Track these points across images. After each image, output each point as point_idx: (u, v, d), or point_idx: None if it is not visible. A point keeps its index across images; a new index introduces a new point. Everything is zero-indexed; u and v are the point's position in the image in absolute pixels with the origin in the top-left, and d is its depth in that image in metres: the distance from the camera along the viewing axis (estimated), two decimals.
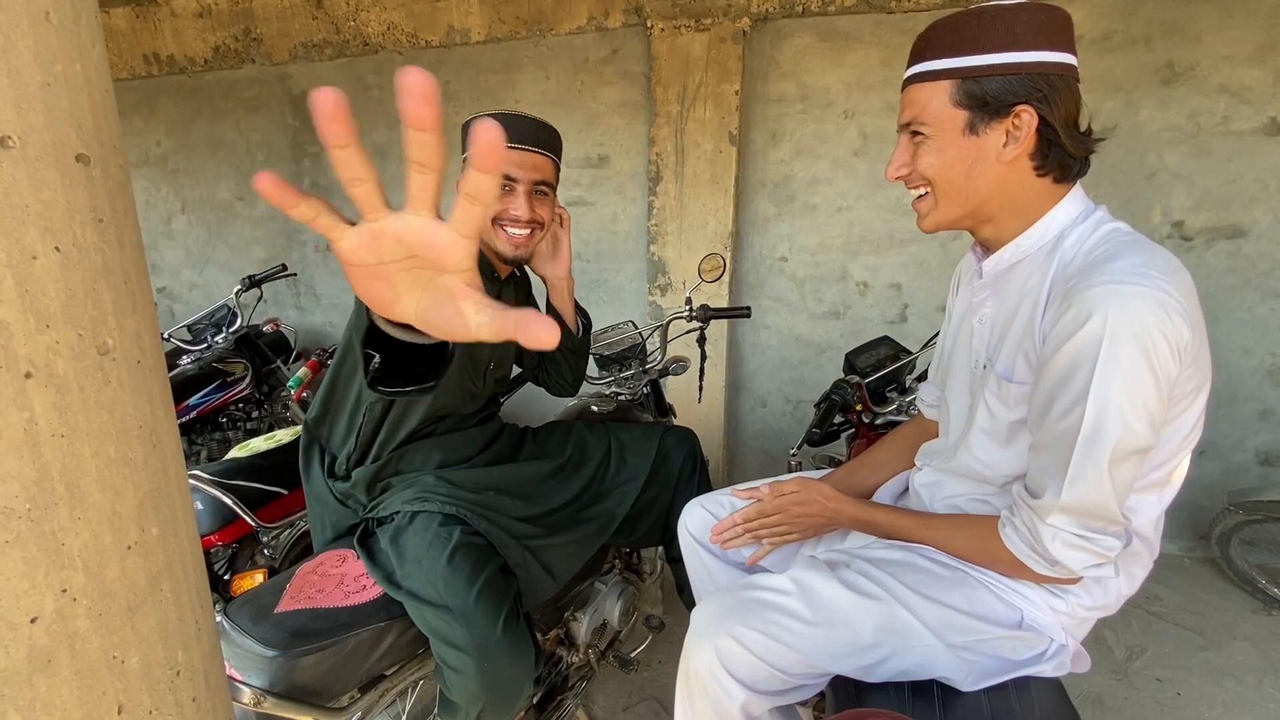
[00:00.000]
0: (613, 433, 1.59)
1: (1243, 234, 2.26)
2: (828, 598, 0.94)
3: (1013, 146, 0.84)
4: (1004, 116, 0.83)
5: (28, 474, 0.42)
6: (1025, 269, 0.92)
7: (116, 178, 0.51)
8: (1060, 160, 0.85)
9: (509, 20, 2.83)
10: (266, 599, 1.16)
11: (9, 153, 0.40)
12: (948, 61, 0.84)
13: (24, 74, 0.42)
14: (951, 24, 0.84)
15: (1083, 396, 0.77)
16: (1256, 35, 2.12)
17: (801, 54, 2.57)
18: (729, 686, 0.93)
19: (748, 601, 0.97)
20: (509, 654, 1.13)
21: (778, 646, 0.92)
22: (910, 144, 0.91)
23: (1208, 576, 2.39)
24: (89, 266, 0.46)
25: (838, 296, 2.79)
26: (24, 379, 0.41)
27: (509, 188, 1.25)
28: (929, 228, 0.95)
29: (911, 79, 0.89)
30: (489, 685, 1.12)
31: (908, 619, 0.92)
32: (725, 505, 1.29)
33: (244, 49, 3.28)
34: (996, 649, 0.93)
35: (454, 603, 1.12)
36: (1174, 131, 2.25)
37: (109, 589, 0.48)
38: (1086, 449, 0.78)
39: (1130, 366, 0.75)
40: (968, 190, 0.88)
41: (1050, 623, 0.95)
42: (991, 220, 0.92)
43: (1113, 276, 0.76)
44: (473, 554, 1.20)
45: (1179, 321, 0.75)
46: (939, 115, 0.86)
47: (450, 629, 1.12)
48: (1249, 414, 2.40)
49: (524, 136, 1.23)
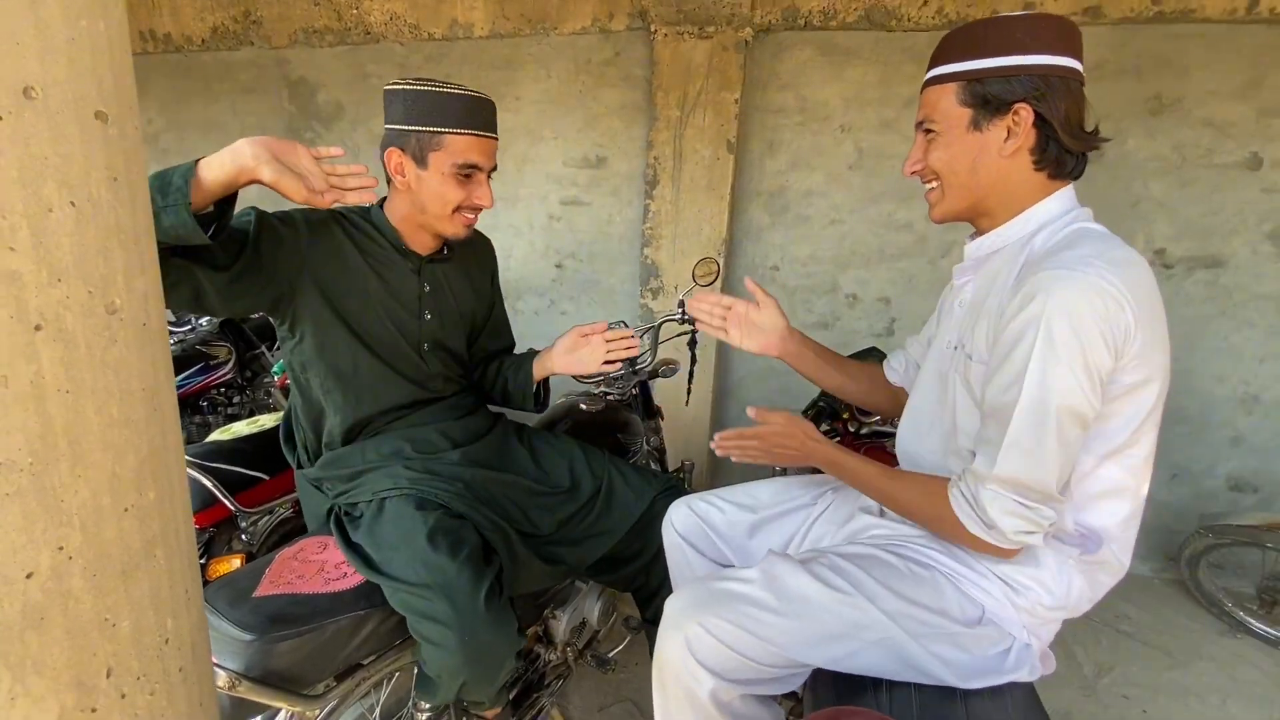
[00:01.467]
0: (610, 470, 1.51)
1: (1221, 264, 2.33)
2: (794, 588, 0.98)
3: (1013, 141, 0.92)
4: (1004, 114, 0.91)
5: (32, 428, 0.41)
6: (1002, 257, 0.99)
7: (132, 138, 0.51)
8: (1057, 156, 0.93)
9: (513, 17, 2.84)
10: (245, 582, 1.14)
11: (31, 103, 0.40)
12: (956, 65, 0.93)
13: (50, 27, 0.42)
14: (963, 33, 0.94)
15: (1021, 372, 0.84)
16: (1241, 72, 2.19)
17: (802, 67, 2.61)
18: (698, 674, 0.96)
19: (717, 592, 1.00)
20: (491, 626, 1.12)
21: (745, 635, 0.95)
22: (924, 141, 1.01)
23: (1176, 598, 2.44)
24: (102, 224, 0.46)
25: (827, 308, 2.82)
26: (34, 331, 0.41)
27: (474, 176, 1.23)
28: (938, 217, 1.04)
29: (928, 82, 0.98)
30: (471, 659, 1.11)
31: (872, 611, 0.95)
32: (713, 506, 1.31)
33: (243, 31, 3.25)
34: (959, 642, 0.96)
35: (435, 579, 1.11)
36: (1159, 161, 2.32)
37: (105, 550, 0.47)
38: (1023, 420, 0.84)
39: (1063, 345, 0.81)
40: (972, 182, 0.97)
41: (1010, 618, 0.98)
42: (990, 213, 1.00)
43: (1060, 263, 0.84)
44: (452, 533, 1.19)
45: (1114, 308, 0.81)
46: (947, 113, 0.95)
47: (431, 604, 1.10)
48: (1221, 440, 2.46)
49: (488, 123, 1.22)
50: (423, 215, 1.25)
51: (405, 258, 1.31)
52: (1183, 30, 2.21)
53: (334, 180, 1.06)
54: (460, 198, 1.22)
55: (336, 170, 1.07)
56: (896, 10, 2.42)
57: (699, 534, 1.30)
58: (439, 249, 1.36)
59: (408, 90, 1.18)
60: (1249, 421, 2.42)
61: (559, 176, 2.99)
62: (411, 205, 1.25)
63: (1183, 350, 2.38)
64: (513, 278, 3.15)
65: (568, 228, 3.05)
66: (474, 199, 1.23)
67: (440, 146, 1.18)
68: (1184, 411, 2.44)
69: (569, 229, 3.05)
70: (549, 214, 3.06)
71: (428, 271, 1.35)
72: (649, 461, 1.98)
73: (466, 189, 1.22)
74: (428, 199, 1.22)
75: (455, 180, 1.20)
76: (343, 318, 1.25)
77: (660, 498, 1.49)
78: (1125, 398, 0.87)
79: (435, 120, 1.17)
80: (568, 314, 3.17)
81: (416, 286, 1.33)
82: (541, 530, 1.38)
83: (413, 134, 1.19)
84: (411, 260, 1.32)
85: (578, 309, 3.15)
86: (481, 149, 1.21)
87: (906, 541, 1.06)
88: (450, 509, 1.25)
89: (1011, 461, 0.86)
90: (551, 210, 3.05)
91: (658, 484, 1.53)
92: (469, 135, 1.19)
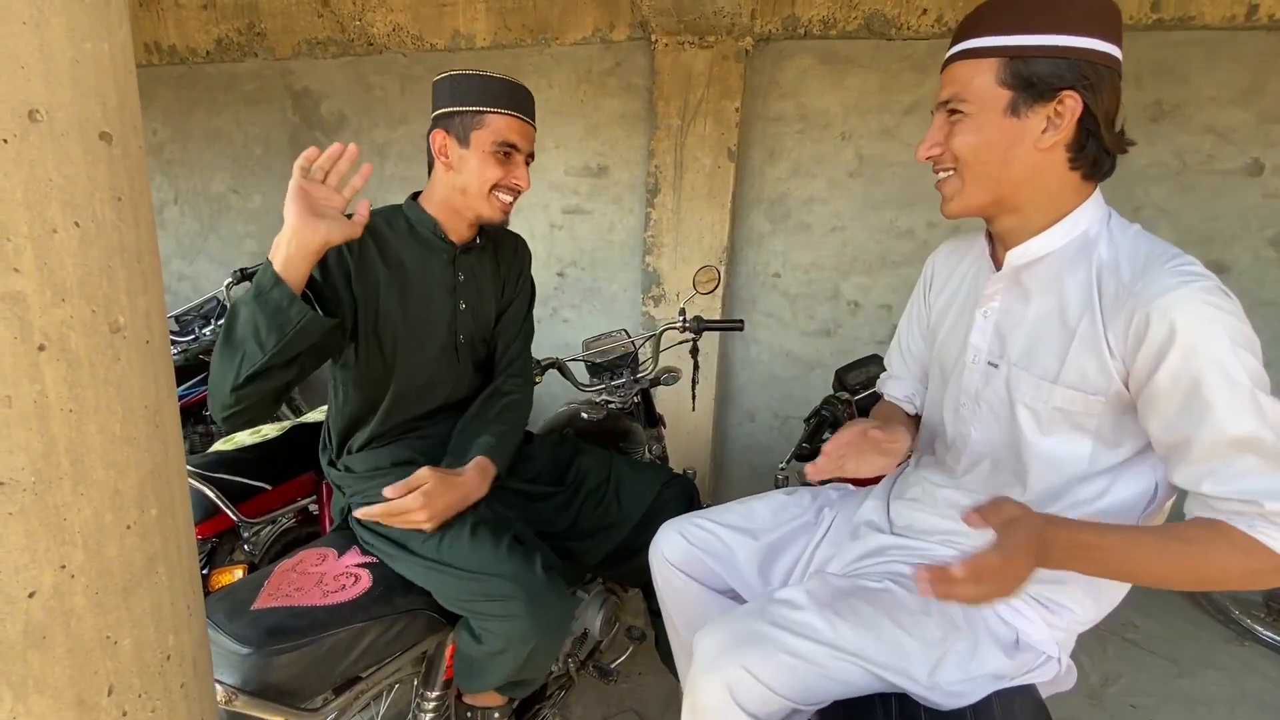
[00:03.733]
0: (614, 465, 1.54)
1: (1224, 270, 2.32)
2: (827, 632, 0.93)
3: (1052, 133, 0.82)
4: (1048, 101, 0.81)
5: (35, 447, 0.42)
6: (1051, 266, 0.90)
7: (135, 157, 0.51)
8: (1095, 155, 0.85)
9: (515, 28, 2.86)
10: (243, 595, 1.14)
11: (36, 126, 0.41)
12: (997, 39, 0.82)
13: (55, 49, 0.42)
14: (1005, 2, 0.83)
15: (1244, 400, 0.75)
16: (1241, 79, 2.20)
17: (802, 75, 2.62)
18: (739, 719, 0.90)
19: (760, 626, 0.93)
20: (553, 591, 1.16)
21: (789, 676, 0.90)
22: (946, 123, 0.89)
23: (1183, 606, 2.42)
24: (106, 243, 0.47)
25: (829, 315, 2.82)
26: (37, 351, 0.41)
27: (513, 157, 1.27)
28: (955, 212, 0.92)
29: (957, 56, 0.87)
30: (540, 624, 1.13)
31: (922, 652, 0.91)
32: (707, 531, 1.24)
33: (247, 42, 3.27)
34: (1000, 674, 0.93)
35: (487, 567, 1.15)
36: (1160, 168, 2.32)
37: (107, 568, 0.47)
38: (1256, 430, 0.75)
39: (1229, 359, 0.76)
40: (1001, 174, 0.86)
41: (1045, 638, 0.95)
42: (1017, 210, 0.90)
43: (1174, 280, 0.78)
44: (490, 524, 1.23)
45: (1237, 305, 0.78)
46: (982, 93, 0.84)
47: (491, 585, 1.14)
48: None
49: (527, 109, 1.28)
50: (463, 196, 1.28)
51: (442, 247, 1.34)
52: (1182, 37, 2.22)
53: (333, 181, 1.06)
54: (498, 176, 1.26)
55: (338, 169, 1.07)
56: (896, 19, 2.43)
57: (693, 562, 1.24)
58: (473, 239, 1.39)
59: (454, 75, 1.25)
60: None
61: (561, 185, 3.01)
62: (451, 187, 1.29)
63: None
64: None
65: (569, 236, 3.06)
66: (511, 179, 1.27)
67: (482, 125, 1.23)
68: None
69: (571, 237, 3.06)
70: (551, 222, 3.07)
71: (462, 261, 1.37)
72: None
73: (505, 168, 1.26)
74: (468, 177, 1.26)
75: (495, 159, 1.25)
76: (382, 331, 1.28)
77: (666, 488, 1.53)
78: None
79: (478, 100, 1.23)
80: (569, 322, 3.17)
81: (451, 277, 1.35)
82: (556, 529, 1.41)
83: (456, 115, 1.24)
84: (448, 249, 1.35)
85: (579, 317, 3.16)
86: (521, 131, 1.26)
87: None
88: (478, 506, 1.27)
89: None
90: (553, 219, 3.06)
91: (664, 474, 1.57)
92: (509, 116, 1.25)
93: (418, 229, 1.32)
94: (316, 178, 1.04)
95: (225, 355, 1.03)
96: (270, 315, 1.00)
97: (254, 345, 1.02)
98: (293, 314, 1.01)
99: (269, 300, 1.00)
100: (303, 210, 1.00)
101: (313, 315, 1.03)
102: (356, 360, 1.27)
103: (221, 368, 1.04)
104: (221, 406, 1.07)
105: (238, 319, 1.03)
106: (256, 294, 1.01)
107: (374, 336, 1.27)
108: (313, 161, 1.03)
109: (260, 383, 1.04)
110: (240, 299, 1.03)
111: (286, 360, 1.05)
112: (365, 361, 1.28)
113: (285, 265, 1.01)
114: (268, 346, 1.01)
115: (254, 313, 1.00)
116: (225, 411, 1.08)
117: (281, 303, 1.00)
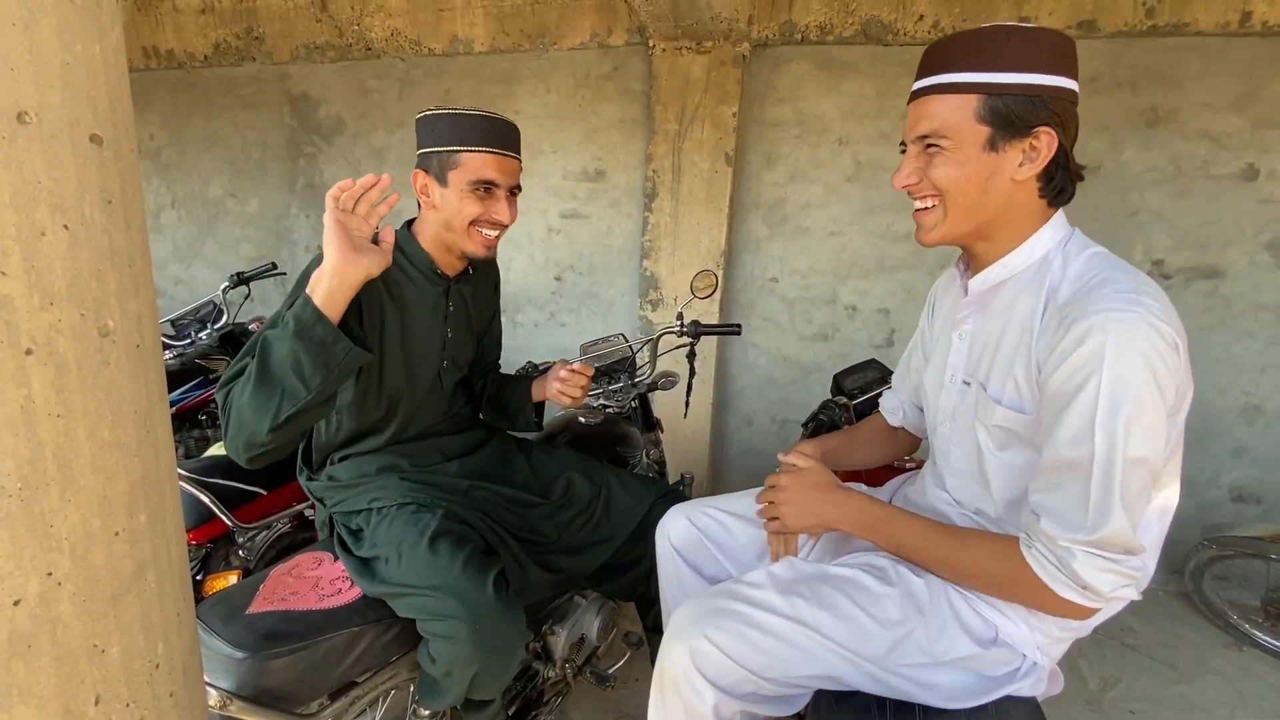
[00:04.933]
0: (608, 477, 1.53)
1: (1220, 274, 2.33)
2: (792, 609, 0.96)
3: (1028, 166, 0.86)
4: (1024, 136, 0.84)
5: (21, 452, 0.41)
6: (1011, 289, 0.94)
7: (127, 160, 0.51)
8: (1062, 184, 0.89)
9: (513, 33, 2.86)
10: (239, 599, 1.13)
11: (25, 128, 0.40)
12: (974, 75, 0.84)
13: (45, 51, 0.42)
14: (977, 39, 0.84)
15: (1090, 425, 0.78)
16: (1235, 85, 2.21)
17: (799, 80, 2.62)
18: (700, 687, 0.94)
19: (724, 603, 0.98)
20: (500, 613, 1.12)
21: (749, 649, 0.93)
22: (923, 155, 0.91)
23: (1181, 610, 2.41)
24: (96, 247, 0.46)
25: (826, 319, 2.82)
26: (24, 355, 0.41)
27: (493, 193, 1.26)
28: (933, 240, 0.95)
29: (929, 90, 0.89)
30: (483, 647, 1.10)
31: (869, 644, 0.93)
32: (712, 519, 1.28)
33: (245, 47, 3.27)
34: (970, 664, 0.94)
35: (441, 581, 1.12)
36: (1156, 173, 2.32)
37: (94, 575, 0.47)
38: (1101, 477, 0.78)
39: (1135, 391, 0.76)
40: (979, 205, 0.89)
41: (1024, 638, 0.96)
42: (990, 237, 0.94)
43: (1107, 303, 0.78)
44: (452, 536, 1.20)
45: (1170, 349, 0.77)
46: (961, 129, 0.86)
47: (438, 602, 1.11)
48: (1223, 451, 2.45)
49: (507, 143, 1.26)
50: (448, 233, 1.29)
51: (437, 280, 1.35)
52: (1177, 43, 2.23)
53: (362, 209, 1.06)
54: (478, 212, 1.25)
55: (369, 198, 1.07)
56: (892, 25, 2.44)
57: (696, 546, 1.27)
58: (464, 270, 1.40)
59: (431, 115, 1.24)
60: (1251, 432, 2.41)
61: (558, 189, 3.01)
62: (437, 224, 1.29)
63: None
64: (512, 290, 3.15)
65: (567, 240, 3.06)
66: (491, 214, 1.26)
67: (457, 164, 1.23)
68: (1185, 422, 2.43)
69: (568, 241, 3.06)
70: (549, 227, 3.07)
71: (454, 292, 1.39)
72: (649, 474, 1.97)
73: (484, 204, 1.25)
74: (449, 215, 1.26)
75: (474, 196, 1.24)
76: (384, 363, 1.28)
77: (659, 503, 1.50)
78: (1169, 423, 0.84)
79: (453, 140, 1.22)
80: (567, 326, 3.17)
81: (444, 307, 1.37)
82: (541, 539, 1.39)
83: (434, 155, 1.24)
84: (441, 282, 1.36)
85: (577, 321, 3.15)
86: (499, 166, 1.25)
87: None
88: (449, 513, 1.26)
89: (1094, 520, 0.79)
90: (551, 223, 3.06)
91: (656, 490, 1.54)
92: (484, 153, 1.23)
93: (415, 262, 1.32)
94: (347, 207, 1.03)
95: (261, 394, 1.00)
96: (315, 352, 0.99)
97: (296, 382, 1.00)
98: (339, 351, 1.00)
99: (313, 336, 0.99)
100: (344, 245, 1.00)
101: (356, 350, 1.02)
102: (356, 388, 1.27)
103: (257, 406, 1.01)
104: (249, 446, 1.04)
105: (272, 356, 1.01)
106: (298, 330, 0.99)
107: (377, 367, 1.27)
108: (345, 191, 1.02)
109: (299, 421, 1.03)
110: (273, 335, 1.01)
111: (326, 398, 1.04)
112: (362, 391, 1.27)
113: (327, 300, 1.00)
114: (313, 384, 1.00)
115: (294, 349, 0.98)
116: (255, 450, 1.05)
117: (326, 339, 0.99)
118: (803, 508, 1.06)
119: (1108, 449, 0.77)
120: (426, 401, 1.39)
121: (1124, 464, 0.77)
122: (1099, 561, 0.80)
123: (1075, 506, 0.81)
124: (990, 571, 0.90)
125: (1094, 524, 0.79)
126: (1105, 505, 0.78)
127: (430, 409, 1.41)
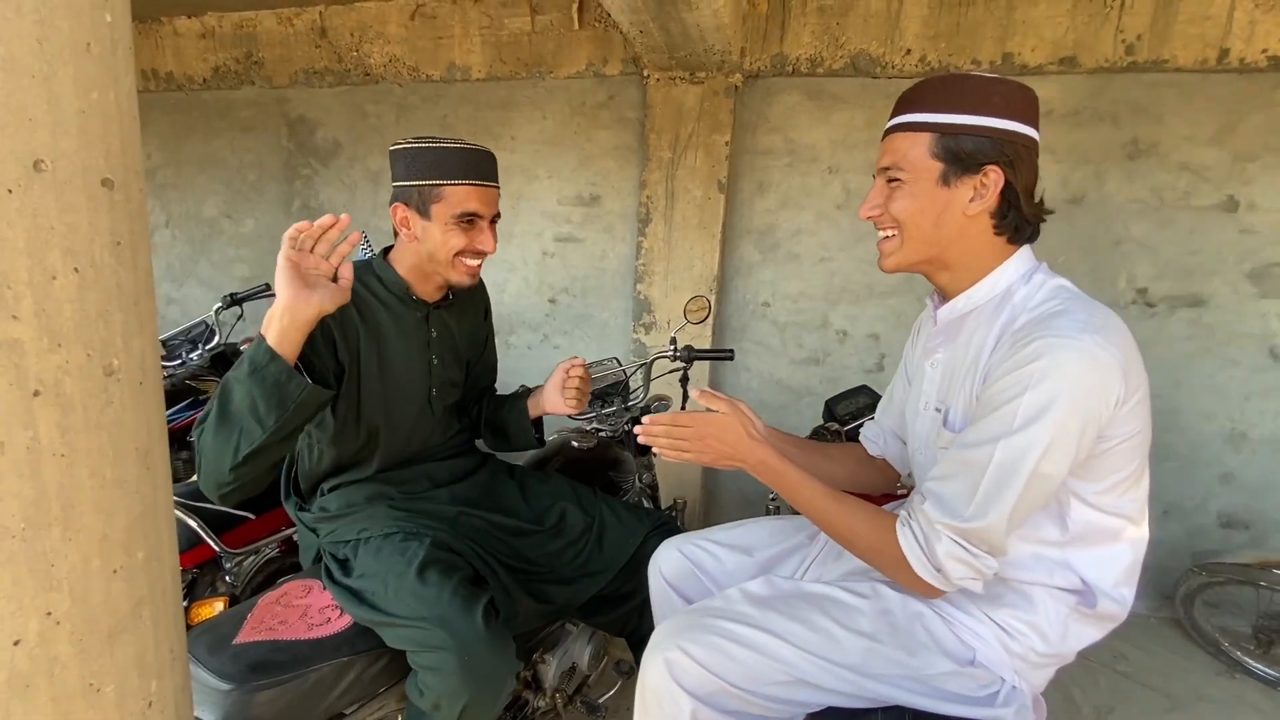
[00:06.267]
0: (601, 508, 1.52)
1: (1203, 303, 2.37)
2: (768, 624, 0.98)
3: (978, 202, 0.92)
4: (974, 173, 0.91)
5: (26, 493, 0.41)
6: (974, 320, 0.99)
7: (136, 201, 0.52)
8: (1016, 223, 0.94)
9: (510, 61, 2.91)
10: (226, 629, 1.12)
11: (40, 176, 0.41)
12: (931, 115, 0.92)
13: (62, 101, 0.43)
14: (939, 84, 0.93)
15: (1007, 428, 0.83)
16: (1215, 119, 2.27)
17: (790, 111, 2.68)
18: (679, 698, 0.95)
19: (700, 617, 1.01)
20: (489, 645, 1.11)
21: (723, 659, 0.95)
22: (886, 188, 0.99)
23: (1173, 637, 2.42)
24: (104, 288, 0.47)
25: (817, 343, 2.84)
26: (32, 397, 0.41)
27: (475, 224, 1.27)
28: (890, 267, 1.02)
29: (895, 128, 0.97)
30: (472, 679, 1.09)
31: (853, 639, 0.95)
32: (704, 550, 1.28)
33: (244, 71, 3.31)
34: (949, 681, 0.95)
35: (430, 611, 1.11)
36: (1139, 204, 2.37)
37: (92, 614, 0.47)
38: (998, 476, 0.84)
39: (1055, 413, 0.81)
40: (933, 236, 0.96)
41: (1001, 661, 0.97)
42: (949, 268, 1.00)
43: (1057, 331, 0.83)
44: (441, 564, 1.19)
45: (1109, 378, 0.82)
46: (917, 164, 0.94)
47: (428, 633, 1.10)
48: (1210, 477, 2.47)
49: (487, 174, 1.28)
50: (431, 264, 1.29)
51: (415, 306, 1.35)
52: (1156, 79, 2.29)
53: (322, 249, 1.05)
54: (462, 244, 1.26)
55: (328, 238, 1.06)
56: (880, 58, 2.50)
57: (689, 578, 1.27)
58: (445, 295, 1.40)
59: (409, 149, 1.24)
60: (1238, 459, 2.44)
61: (553, 214, 3.04)
62: (418, 255, 1.29)
63: (1169, 388, 2.40)
64: (506, 313, 3.16)
65: (561, 264, 3.09)
66: (476, 244, 1.27)
67: (441, 198, 1.23)
68: (1172, 448, 2.45)
69: (563, 265, 3.09)
70: (543, 250, 3.09)
71: (435, 317, 1.38)
72: (641, 499, 1.97)
73: (469, 235, 1.26)
74: (433, 248, 1.27)
75: (458, 228, 1.25)
76: (362, 392, 1.28)
77: (652, 536, 1.48)
78: (1118, 449, 0.88)
79: (435, 174, 1.22)
80: (560, 348, 3.18)
81: (425, 333, 1.37)
82: (532, 567, 1.38)
83: (415, 188, 1.24)
84: (420, 308, 1.35)
85: (570, 344, 3.16)
86: (480, 197, 1.26)
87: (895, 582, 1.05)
88: (438, 541, 1.25)
89: (974, 512, 0.85)
90: (546, 246, 3.09)
91: (650, 522, 1.53)
92: (467, 185, 1.24)
93: (392, 290, 1.32)
94: (305, 247, 1.03)
95: (221, 434, 1.00)
96: (269, 391, 0.98)
97: (252, 422, 0.99)
98: (292, 389, 0.99)
99: (266, 376, 0.98)
100: (295, 283, 0.99)
101: (312, 388, 1.02)
102: (335, 420, 1.26)
103: (218, 447, 1.01)
104: (217, 485, 1.04)
105: (232, 396, 1.00)
106: (251, 370, 0.99)
107: (354, 397, 1.26)
108: (302, 233, 1.02)
109: (259, 460, 1.02)
110: (232, 377, 1.01)
111: (284, 435, 1.03)
112: (343, 421, 1.27)
113: (280, 339, 0.99)
114: (268, 424, 0.99)
115: (250, 390, 0.98)
116: (221, 489, 1.05)
117: (280, 378, 0.99)
118: (716, 452, 1.07)
119: (1017, 457, 0.83)
120: (416, 429, 1.38)
121: (1030, 475, 0.83)
122: (959, 551, 0.87)
123: (962, 497, 0.87)
124: (862, 537, 0.97)
125: (973, 515, 0.86)
126: (989, 502, 0.85)
127: (420, 436, 1.40)
